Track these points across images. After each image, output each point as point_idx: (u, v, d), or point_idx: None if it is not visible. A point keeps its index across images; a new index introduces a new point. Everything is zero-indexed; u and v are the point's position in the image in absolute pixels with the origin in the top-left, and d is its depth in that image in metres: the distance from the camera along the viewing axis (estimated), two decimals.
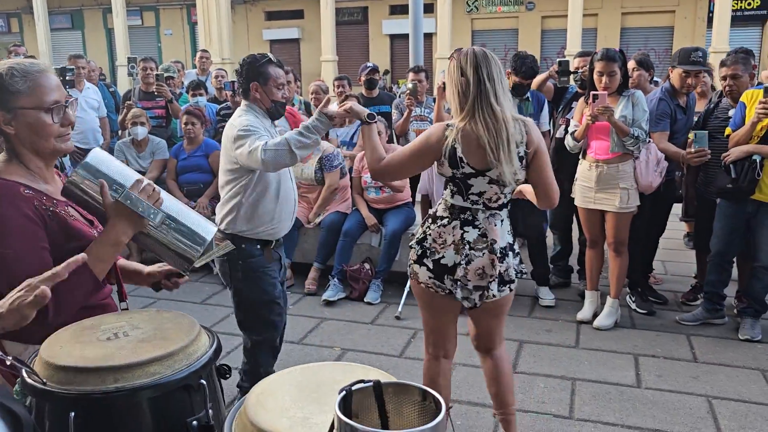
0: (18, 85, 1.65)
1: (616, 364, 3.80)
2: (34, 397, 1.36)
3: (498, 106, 2.40)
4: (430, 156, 2.52)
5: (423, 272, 2.58)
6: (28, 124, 1.67)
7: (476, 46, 2.50)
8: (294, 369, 1.37)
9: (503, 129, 2.39)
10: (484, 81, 2.39)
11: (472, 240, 2.51)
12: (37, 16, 22.08)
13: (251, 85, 2.99)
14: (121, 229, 1.64)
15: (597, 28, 20.04)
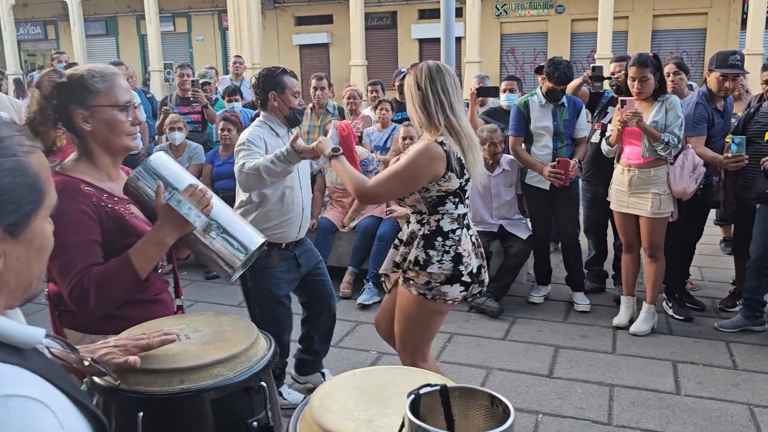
0: (98, 84, 1.77)
1: (655, 371, 3.77)
2: (103, 397, 1.42)
3: (454, 117, 2.53)
4: (428, 176, 2.52)
5: (454, 289, 2.60)
6: (104, 121, 1.78)
7: (431, 61, 2.61)
8: (353, 372, 1.41)
9: (464, 136, 2.54)
10: (439, 93, 2.51)
11: (475, 240, 2.71)
12: (72, 23, 22.59)
13: (269, 94, 3.16)
14: (167, 231, 1.69)
15: (628, 31, 19.81)
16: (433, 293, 2.60)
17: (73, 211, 1.70)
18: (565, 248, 4.90)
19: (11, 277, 0.91)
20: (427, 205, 2.61)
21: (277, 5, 23.71)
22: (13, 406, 0.77)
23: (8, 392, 0.78)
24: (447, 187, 2.55)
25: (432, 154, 2.50)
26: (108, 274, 1.67)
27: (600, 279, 5.17)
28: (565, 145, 4.60)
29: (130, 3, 24.51)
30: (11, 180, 0.88)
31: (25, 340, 0.90)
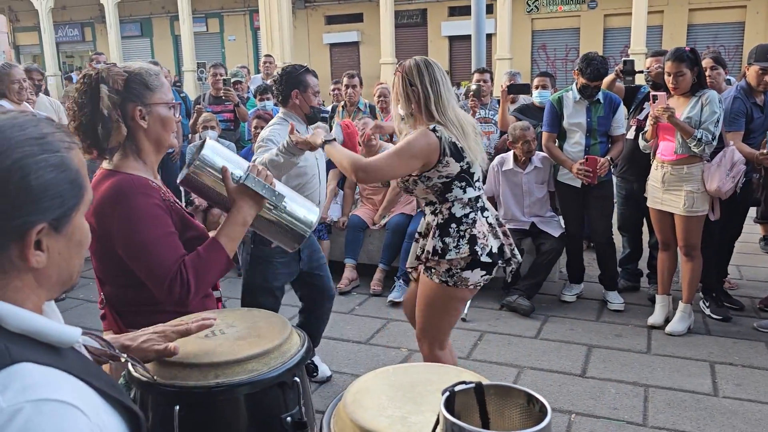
0: (155, 82, 1.80)
1: (691, 372, 3.69)
2: (140, 390, 1.44)
3: (447, 107, 2.59)
4: (422, 159, 2.58)
5: (475, 274, 2.65)
6: (159, 118, 1.81)
7: (416, 57, 2.70)
8: (387, 369, 1.41)
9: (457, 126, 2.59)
10: (428, 87, 2.58)
11: (493, 221, 2.73)
12: (109, 25, 23.03)
13: (293, 92, 3.25)
14: (246, 210, 1.77)
15: (662, 26, 19.42)
16: (455, 279, 2.65)
17: (150, 207, 1.73)
18: (598, 247, 4.83)
19: (53, 271, 0.93)
20: (435, 194, 2.67)
21: (307, 4, 23.84)
22: (47, 410, 0.78)
23: (43, 396, 0.79)
24: (447, 172, 2.60)
25: (427, 139, 2.56)
26: (203, 261, 1.71)
27: (634, 277, 5.08)
28: (599, 142, 4.52)
29: (164, 4, 24.89)
30: (56, 176, 0.89)
31: (63, 339, 0.91)
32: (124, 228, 1.70)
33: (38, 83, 6.03)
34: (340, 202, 5.68)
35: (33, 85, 5.39)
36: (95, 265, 1.85)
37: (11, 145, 0.86)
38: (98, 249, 1.78)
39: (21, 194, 0.85)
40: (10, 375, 0.79)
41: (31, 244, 0.88)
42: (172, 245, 1.72)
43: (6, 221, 0.85)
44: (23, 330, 0.86)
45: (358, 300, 5.01)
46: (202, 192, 1.84)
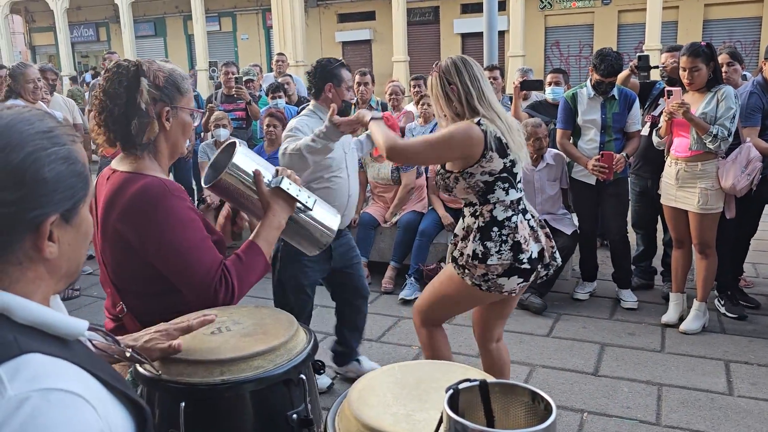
0: (185, 86, 1.77)
1: (706, 370, 3.65)
2: (146, 387, 1.44)
3: (489, 102, 2.55)
4: (460, 151, 2.52)
5: (512, 282, 2.55)
6: (181, 123, 1.78)
7: (452, 56, 2.63)
8: (393, 366, 1.40)
9: (502, 120, 2.55)
10: (469, 84, 2.53)
11: (534, 224, 2.65)
12: (123, 25, 23.22)
13: (326, 85, 3.21)
14: (281, 214, 1.77)
15: (677, 21, 19.23)
16: (489, 284, 2.58)
17: (185, 210, 1.69)
18: (612, 245, 4.78)
19: (63, 262, 0.95)
20: (477, 194, 2.58)
21: (320, 3, 23.87)
22: (53, 399, 0.79)
23: (50, 386, 0.80)
24: (490, 168, 2.52)
25: (470, 133, 2.49)
26: (244, 265, 1.72)
27: (648, 275, 5.03)
28: (614, 139, 4.47)
29: (178, 4, 25.02)
30: (66, 168, 0.91)
31: (71, 331, 0.92)
32: (163, 233, 1.64)
33: (52, 83, 6.08)
34: None
35: (47, 85, 5.44)
36: (112, 273, 1.77)
37: (23, 139, 0.87)
38: (121, 256, 1.71)
39: (36, 186, 0.87)
40: (18, 365, 0.80)
41: (45, 235, 0.89)
42: (211, 250, 1.69)
43: (23, 213, 0.87)
44: (31, 322, 0.88)
45: (370, 297, 4.98)
46: (231, 196, 1.82)
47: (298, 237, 1.89)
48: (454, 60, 2.58)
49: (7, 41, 25.62)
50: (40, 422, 0.77)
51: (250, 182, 1.74)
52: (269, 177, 1.77)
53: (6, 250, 0.88)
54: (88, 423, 0.81)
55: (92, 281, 5.37)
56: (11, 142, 0.86)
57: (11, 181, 0.85)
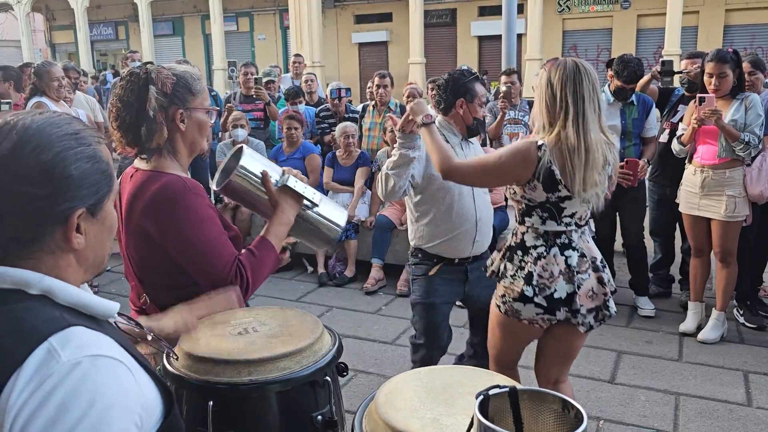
0: (197, 86, 1.82)
1: (724, 381, 3.62)
2: (175, 384, 1.46)
3: (578, 128, 2.25)
4: (514, 175, 2.36)
5: (528, 309, 2.40)
6: (197, 123, 1.83)
7: (571, 58, 2.34)
8: (419, 371, 1.41)
9: (580, 152, 2.25)
10: (569, 101, 2.26)
11: (576, 263, 2.38)
12: (142, 24, 23.40)
13: (458, 101, 2.95)
14: (289, 211, 1.85)
15: (698, 27, 19.07)
16: (506, 308, 2.46)
17: (205, 207, 1.77)
18: (629, 250, 4.76)
19: (90, 253, 1.04)
20: (518, 212, 2.48)
21: (337, 4, 23.92)
22: (100, 363, 0.91)
23: (96, 352, 0.92)
24: (531, 195, 2.35)
25: (524, 155, 2.31)
26: (257, 259, 1.78)
27: (666, 283, 5.00)
28: (633, 144, 4.46)
29: (196, 3, 25.18)
30: (91, 166, 1.00)
31: (104, 311, 1.03)
32: (183, 228, 1.71)
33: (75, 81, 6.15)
34: (367, 202, 5.69)
35: (70, 83, 5.50)
36: (136, 266, 1.85)
37: (51, 140, 0.97)
38: (145, 250, 1.79)
39: (64, 182, 0.97)
40: (66, 335, 0.92)
41: (73, 227, 0.99)
42: (227, 245, 1.76)
43: (52, 207, 0.96)
44: (71, 303, 0.98)
45: (385, 300, 5.01)
46: (241, 197, 1.89)
47: (307, 233, 1.96)
48: (567, 66, 2.29)
49: (28, 39, 25.93)
50: (90, 383, 0.88)
51: (259, 183, 1.82)
52: (276, 177, 1.85)
53: (40, 240, 0.98)
54: (129, 384, 0.94)
55: (111, 278, 5.43)
56: (42, 143, 0.96)
57: (42, 177, 0.95)
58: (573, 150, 2.25)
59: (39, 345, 0.89)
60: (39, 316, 0.93)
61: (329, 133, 6.38)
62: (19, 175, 0.93)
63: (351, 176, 5.72)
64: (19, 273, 0.96)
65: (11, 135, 0.95)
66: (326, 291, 5.25)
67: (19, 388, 0.86)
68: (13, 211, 0.94)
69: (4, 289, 0.95)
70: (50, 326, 0.92)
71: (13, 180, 0.93)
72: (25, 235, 0.96)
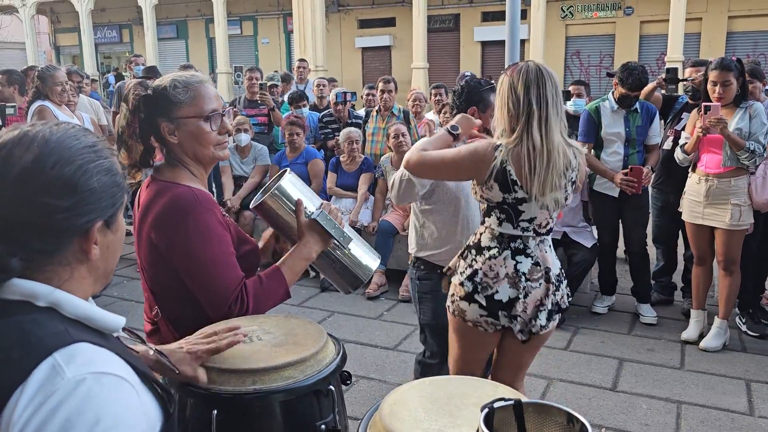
0: (180, 96, 1.72)
1: (726, 389, 3.62)
2: (179, 393, 1.46)
3: (539, 132, 2.24)
4: (469, 172, 2.39)
5: (472, 309, 2.39)
6: (190, 133, 1.74)
7: (533, 61, 2.34)
8: (423, 381, 1.41)
9: (543, 156, 2.24)
10: (532, 103, 2.24)
11: (527, 270, 2.35)
12: (146, 27, 23.50)
13: (470, 109, 2.91)
14: (313, 247, 1.77)
15: (701, 33, 19.10)
16: (454, 307, 2.46)
17: (214, 224, 1.70)
18: (632, 258, 4.75)
19: (101, 263, 1.05)
20: (481, 212, 2.48)
21: (341, 8, 23.99)
22: (104, 381, 0.91)
23: (102, 370, 0.91)
24: (488, 195, 2.35)
25: (479, 154, 2.32)
26: (264, 289, 1.72)
27: (668, 291, 5.00)
28: (637, 151, 4.46)
29: (200, 7, 25.27)
30: (110, 178, 1.02)
31: (110, 326, 1.03)
32: (189, 244, 1.66)
33: (78, 85, 6.17)
34: (370, 207, 5.69)
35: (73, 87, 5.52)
36: (149, 278, 1.80)
37: (73, 153, 0.98)
38: (155, 262, 1.74)
39: (86, 195, 0.98)
40: (71, 351, 0.91)
41: (93, 239, 1.00)
42: (233, 266, 1.70)
43: (74, 219, 0.97)
44: (78, 316, 0.98)
45: (387, 305, 5.02)
46: (273, 220, 1.83)
47: (332, 272, 1.90)
48: (529, 69, 2.27)
49: (32, 41, 26.03)
50: (95, 401, 0.88)
51: (292, 210, 1.77)
52: (311, 209, 1.78)
53: (58, 252, 0.98)
54: (133, 402, 0.93)
55: (113, 281, 5.44)
56: (63, 156, 0.97)
57: (65, 190, 0.96)
58: (536, 152, 2.24)
59: (44, 359, 0.89)
60: (44, 329, 0.93)
61: (333, 138, 6.40)
62: (43, 188, 0.94)
63: (354, 182, 5.72)
64: (29, 285, 0.96)
65: (33, 147, 0.96)
66: (328, 296, 5.25)
67: (24, 403, 0.86)
68: (36, 223, 0.95)
69: (12, 300, 0.95)
70: (55, 340, 0.92)
71: (37, 192, 0.94)
72: (47, 247, 0.97)
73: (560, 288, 2.44)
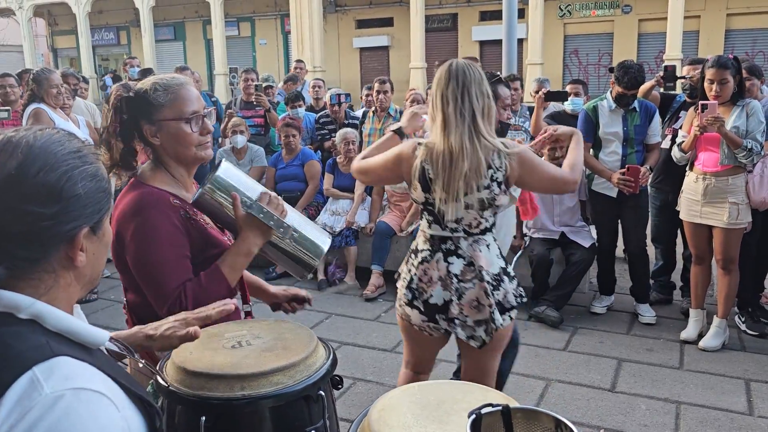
0: (160, 98, 1.75)
1: (726, 389, 3.60)
2: (167, 399, 1.44)
3: (444, 134, 2.24)
4: (397, 173, 2.40)
5: (415, 315, 2.41)
6: (170, 135, 1.77)
7: (460, 59, 2.33)
8: (413, 386, 1.39)
9: (445, 159, 2.24)
10: (438, 104, 2.26)
11: (459, 272, 2.33)
12: (143, 29, 23.47)
13: None
14: (252, 240, 1.73)
15: (699, 31, 19.08)
16: (401, 311, 2.49)
17: (166, 225, 1.71)
18: (631, 258, 4.73)
19: (88, 270, 1.04)
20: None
21: (338, 9, 23.97)
22: (83, 397, 0.88)
23: (80, 385, 0.89)
24: (415, 196, 2.38)
25: (400, 153, 2.37)
26: (203, 288, 1.70)
27: (667, 290, 4.98)
28: (636, 151, 4.43)
29: (198, 8, 25.25)
30: (95, 184, 1.00)
31: (93, 340, 1.01)
32: (136, 243, 1.70)
33: (74, 87, 6.15)
34: (367, 209, 5.67)
35: (69, 90, 5.50)
36: (116, 267, 1.86)
37: (57, 159, 0.96)
38: (117, 253, 1.78)
39: (71, 202, 0.96)
40: (52, 366, 0.89)
41: (79, 246, 0.98)
42: (178, 268, 1.70)
43: (60, 226, 0.95)
44: (60, 329, 0.96)
45: (385, 307, 4.99)
46: (214, 215, 1.79)
47: (280, 261, 1.86)
48: (449, 68, 2.28)
49: (30, 44, 26.00)
50: (73, 417, 0.86)
51: (229, 203, 1.72)
52: (252, 199, 1.73)
53: (44, 260, 0.97)
54: (113, 419, 0.91)
55: (110, 284, 5.41)
56: (48, 162, 0.95)
57: (49, 197, 0.94)
58: (438, 153, 2.25)
59: (23, 373, 0.87)
60: (25, 342, 0.91)
61: (329, 139, 6.38)
62: (27, 195, 0.93)
63: (351, 183, 5.70)
64: (12, 297, 0.94)
65: (16, 154, 0.94)
66: (326, 298, 5.23)
67: (1, 418, 0.84)
68: (21, 231, 0.93)
69: None
70: (35, 354, 0.90)
71: (21, 199, 0.92)
72: (31, 254, 0.95)
73: (501, 286, 2.37)
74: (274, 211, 1.72)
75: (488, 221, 2.37)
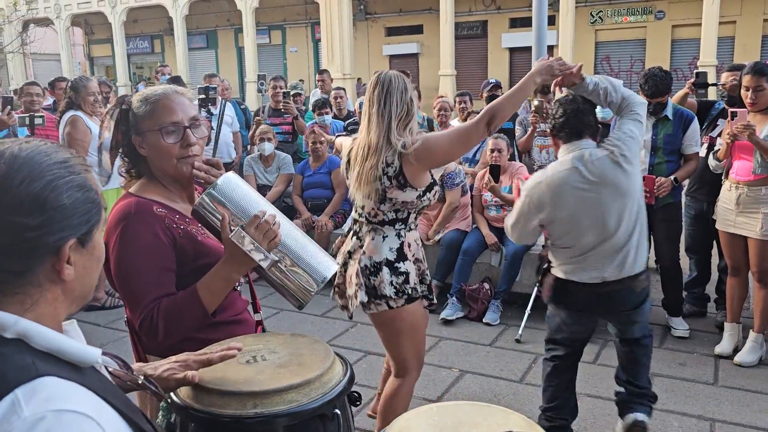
0: (141, 109, 1.74)
1: (762, 407, 3.46)
2: (180, 416, 1.42)
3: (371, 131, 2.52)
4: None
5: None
6: (151, 146, 1.74)
7: (393, 71, 2.62)
8: (431, 407, 1.35)
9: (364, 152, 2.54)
10: (373, 104, 2.53)
11: (352, 249, 2.70)
12: (177, 38, 23.86)
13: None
14: (232, 266, 1.63)
15: (735, 37, 18.67)
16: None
17: (146, 234, 1.67)
18: (663, 271, 4.59)
19: (77, 285, 1.00)
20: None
21: (368, 16, 24.07)
22: (65, 419, 0.84)
23: (63, 407, 0.85)
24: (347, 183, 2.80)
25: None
26: (176, 308, 1.64)
27: (701, 303, 4.82)
28: (666, 161, 4.29)
29: (230, 17, 25.60)
30: (82, 195, 0.97)
31: (83, 359, 0.97)
32: (117, 253, 1.68)
33: (106, 95, 6.25)
34: None
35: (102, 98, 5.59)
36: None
37: (42, 169, 0.94)
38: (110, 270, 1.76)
39: (56, 212, 0.93)
40: (34, 387, 0.86)
41: (65, 258, 0.95)
42: (156, 282, 1.65)
43: (45, 237, 0.93)
44: (47, 348, 0.93)
45: None
46: (210, 229, 1.70)
47: (275, 287, 1.71)
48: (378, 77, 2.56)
49: (67, 53, 26.65)
50: None
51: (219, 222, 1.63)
52: (243, 220, 1.61)
53: (29, 273, 0.94)
54: None
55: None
56: (32, 173, 0.93)
57: (34, 208, 0.92)
58: (359, 146, 2.58)
59: (4, 396, 0.84)
60: (9, 363, 0.88)
61: None
62: (10, 206, 0.90)
63: None
64: None
65: (0, 164, 0.92)
66: None
67: None
68: (5, 243, 0.91)
69: None
70: (18, 375, 0.86)
71: (4, 210, 0.90)
72: (16, 267, 0.92)
73: (380, 275, 2.60)
74: (262, 237, 1.59)
75: (386, 215, 2.60)
